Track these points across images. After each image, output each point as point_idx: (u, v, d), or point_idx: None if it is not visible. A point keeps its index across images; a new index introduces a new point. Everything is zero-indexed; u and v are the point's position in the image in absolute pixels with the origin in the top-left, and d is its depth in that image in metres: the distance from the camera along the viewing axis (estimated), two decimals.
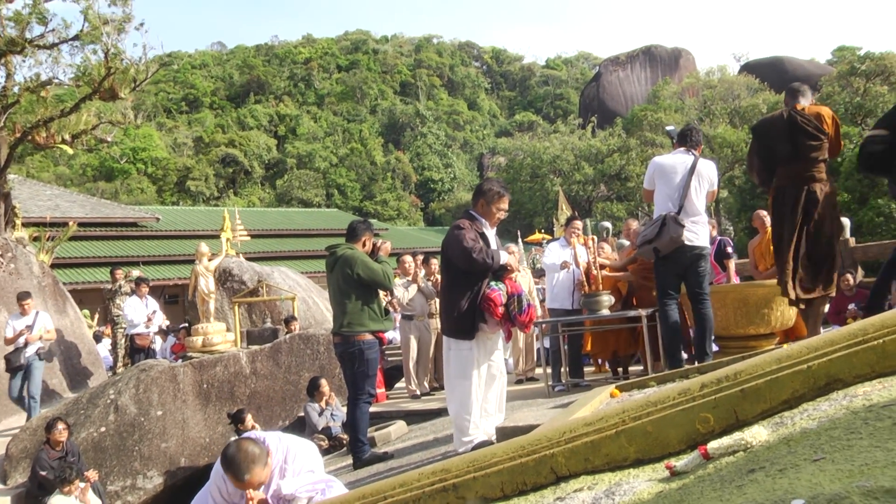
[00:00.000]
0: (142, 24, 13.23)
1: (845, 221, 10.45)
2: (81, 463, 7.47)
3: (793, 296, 5.57)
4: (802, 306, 5.76)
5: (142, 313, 12.57)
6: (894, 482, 1.31)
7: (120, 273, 12.53)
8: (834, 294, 5.68)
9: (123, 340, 11.66)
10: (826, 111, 5.55)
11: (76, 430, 7.99)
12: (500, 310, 4.90)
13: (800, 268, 5.41)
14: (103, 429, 8.10)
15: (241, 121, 70.43)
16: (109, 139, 12.87)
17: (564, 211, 9.69)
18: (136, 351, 12.40)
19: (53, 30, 11.92)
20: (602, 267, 7.79)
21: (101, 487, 7.50)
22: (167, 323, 18.72)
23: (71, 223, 14.16)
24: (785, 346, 6.15)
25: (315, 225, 35.78)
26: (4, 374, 9.77)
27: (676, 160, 6.12)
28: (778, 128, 5.53)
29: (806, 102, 5.65)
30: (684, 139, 6.27)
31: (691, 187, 5.98)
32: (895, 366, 2.20)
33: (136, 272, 12.67)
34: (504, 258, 5.07)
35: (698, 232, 6.00)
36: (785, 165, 5.49)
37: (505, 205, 5.25)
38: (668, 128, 7.28)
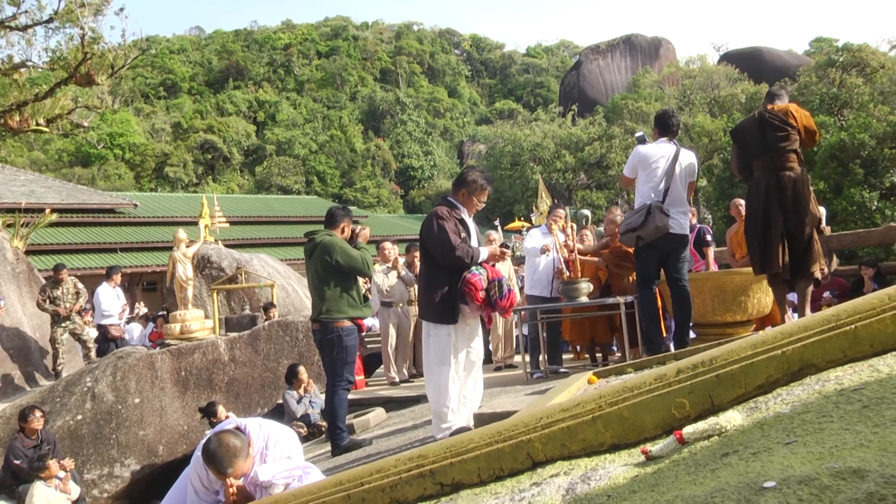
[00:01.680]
0: (122, 10, 13.03)
1: (822, 210, 10.55)
2: (57, 451, 7.41)
3: (766, 270, 5.76)
4: (781, 284, 5.88)
5: (115, 303, 12.38)
6: (861, 463, 1.34)
7: (65, 274, 10.98)
8: (818, 275, 5.80)
9: (64, 336, 10.60)
10: (793, 107, 5.81)
11: (52, 418, 7.92)
12: (481, 294, 4.90)
13: (780, 251, 5.55)
14: (80, 417, 8.04)
15: (220, 107, 69.79)
16: (86, 124, 12.68)
17: (544, 199, 9.66)
18: (108, 341, 12.14)
19: (27, 11, 11.71)
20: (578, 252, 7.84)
21: (78, 476, 7.45)
22: (146, 310, 18.54)
23: (47, 211, 13.94)
24: (760, 332, 6.23)
25: (294, 212, 35.59)
26: None
27: (659, 150, 6.22)
28: (750, 127, 5.82)
29: (781, 103, 5.89)
30: (665, 126, 6.34)
31: (674, 177, 6.09)
32: (866, 351, 2.23)
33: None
34: (485, 253, 5.06)
35: (681, 220, 6.12)
36: (758, 158, 5.72)
37: (486, 197, 5.27)
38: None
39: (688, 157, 6.29)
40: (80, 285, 10.97)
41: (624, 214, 7.14)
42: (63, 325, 10.44)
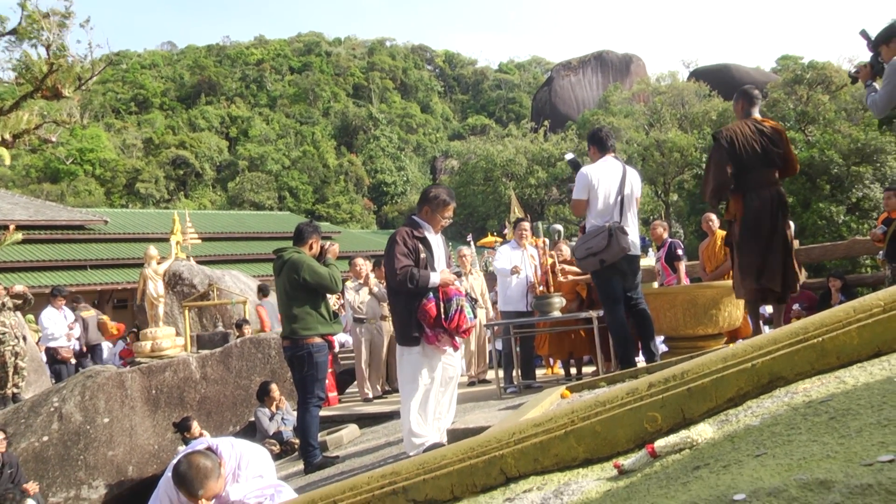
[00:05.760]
0: (87, 21, 12.82)
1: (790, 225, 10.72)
2: (20, 475, 7.24)
3: (753, 287, 5.66)
4: (759, 298, 5.86)
5: (61, 325, 11.84)
6: (828, 474, 1.36)
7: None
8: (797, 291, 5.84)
9: (12, 359, 9.94)
10: (783, 129, 5.73)
11: (15, 440, 7.74)
12: (433, 318, 4.87)
13: (778, 269, 5.53)
14: (46, 438, 7.88)
15: (192, 122, 69.44)
16: (54, 139, 12.47)
17: (517, 214, 9.74)
18: (58, 363, 11.65)
19: None
20: (568, 273, 7.85)
21: (42, 499, 7.28)
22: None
23: (11, 228, 13.60)
24: (731, 345, 6.27)
25: (267, 228, 35.41)
26: None
27: (608, 169, 6.05)
28: (746, 137, 5.56)
29: (757, 108, 5.82)
30: (603, 144, 6.17)
31: (625, 195, 6.01)
32: (833, 363, 2.26)
33: (18, 287, 10.61)
34: (435, 279, 4.94)
35: (636, 241, 6.07)
36: (757, 172, 5.54)
37: (450, 213, 5.23)
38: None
39: (634, 175, 6.18)
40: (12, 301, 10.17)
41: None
42: (10, 345, 9.77)
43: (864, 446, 1.50)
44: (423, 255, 4.98)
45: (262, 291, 12.59)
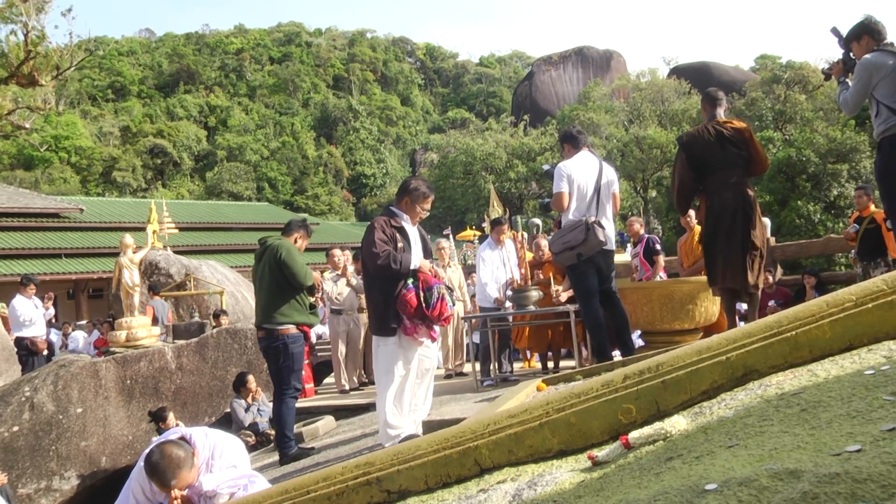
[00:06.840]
0: (69, 10, 12.65)
1: (766, 222, 10.82)
2: None
3: (725, 283, 5.69)
4: (732, 296, 5.89)
5: (34, 312, 11.48)
6: (798, 464, 1.37)
7: None
8: (762, 286, 5.86)
9: None
10: (747, 129, 5.74)
11: None
12: (414, 308, 4.86)
13: (740, 267, 5.55)
14: (16, 428, 7.77)
15: (171, 111, 68.83)
16: (27, 125, 12.26)
17: (496, 208, 9.74)
18: (31, 354, 11.25)
19: None
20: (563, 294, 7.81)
21: (11, 491, 7.17)
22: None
23: None
24: (706, 339, 6.29)
25: (245, 218, 35.22)
26: None
27: (584, 164, 6.05)
28: (705, 140, 5.62)
29: (721, 109, 5.83)
30: (576, 140, 6.18)
31: (602, 190, 6.02)
32: (805, 356, 2.28)
33: None
34: (415, 263, 4.95)
35: (611, 235, 6.09)
36: (718, 174, 5.60)
37: (429, 205, 5.24)
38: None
39: (609, 170, 6.18)
40: None
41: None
42: None
43: (834, 437, 1.52)
44: (400, 244, 4.98)
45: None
